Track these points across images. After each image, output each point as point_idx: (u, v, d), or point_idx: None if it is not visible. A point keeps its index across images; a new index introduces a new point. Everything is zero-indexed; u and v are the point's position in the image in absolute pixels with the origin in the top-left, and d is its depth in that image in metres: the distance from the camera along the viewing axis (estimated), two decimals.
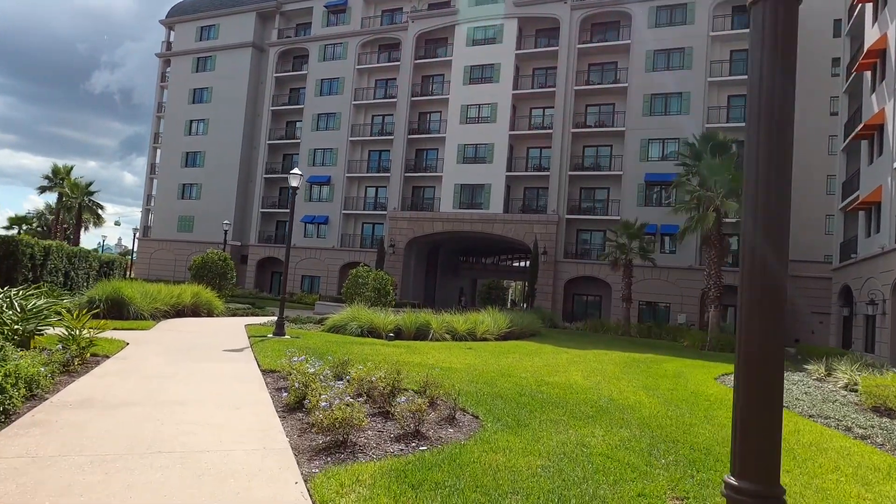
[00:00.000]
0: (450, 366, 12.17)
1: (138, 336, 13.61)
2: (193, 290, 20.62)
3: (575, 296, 38.94)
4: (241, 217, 49.67)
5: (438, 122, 43.45)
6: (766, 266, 1.99)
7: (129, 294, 17.10)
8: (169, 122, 53.23)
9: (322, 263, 45.04)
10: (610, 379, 11.78)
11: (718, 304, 24.66)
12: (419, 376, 10.19)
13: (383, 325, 18.07)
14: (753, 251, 2.02)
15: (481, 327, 19.58)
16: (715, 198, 24.27)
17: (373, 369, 8.54)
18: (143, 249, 52.69)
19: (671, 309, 34.83)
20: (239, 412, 6.96)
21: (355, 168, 45.42)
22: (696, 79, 35.73)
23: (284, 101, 49.84)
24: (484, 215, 39.61)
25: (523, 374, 11.72)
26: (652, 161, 36.31)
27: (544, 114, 40.67)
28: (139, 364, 9.76)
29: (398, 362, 11.94)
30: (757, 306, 2.00)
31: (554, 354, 16.53)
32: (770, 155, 2.09)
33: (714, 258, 24.64)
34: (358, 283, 21.92)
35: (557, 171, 38.32)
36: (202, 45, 52.45)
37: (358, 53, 46.21)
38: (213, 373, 9.56)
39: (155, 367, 9.57)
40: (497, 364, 13.11)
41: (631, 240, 29.64)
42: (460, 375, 10.79)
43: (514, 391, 9.42)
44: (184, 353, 11.54)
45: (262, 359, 11.23)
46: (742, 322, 2.03)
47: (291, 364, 8.56)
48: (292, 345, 13.83)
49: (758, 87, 2.08)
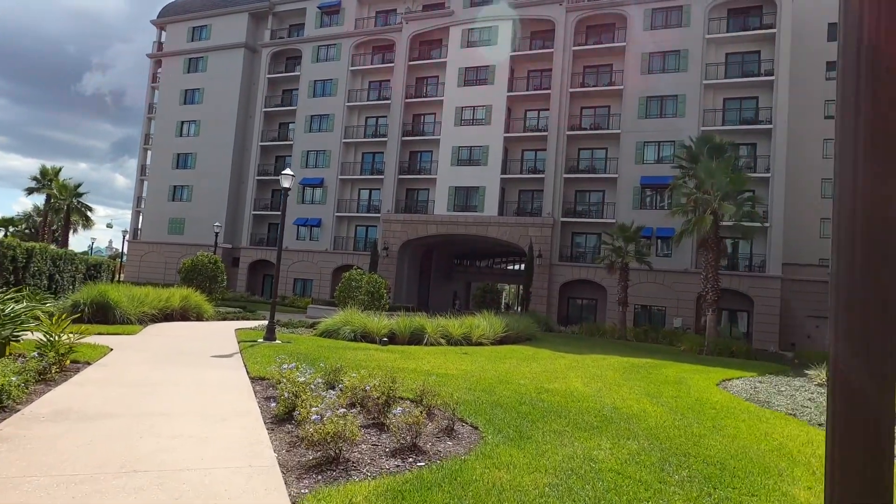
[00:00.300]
0: (446, 372, 11.79)
1: (123, 341, 13.15)
2: (182, 294, 20.13)
3: (570, 299, 38.63)
4: (232, 219, 49.10)
5: (433, 124, 43.11)
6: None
7: (114, 298, 16.61)
8: (160, 123, 52.59)
9: (315, 266, 44.54)
10: (611, 386, 11.43)
11: (716, 307, 24.40)
12: (415, 384, 9.81)
13: (377, 329, 17.66)
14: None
15: (477, 332, 19.22)
16: (712, 200, 24.04)
17: (367, 377, 8.15)
18: (133, 252, 51.97)
19: (666, 312, 34.58)
20: (225, 424, 6.54)
21: (349, 170, 44.99)
22: (691, 81, 35.58)
23: (277, 102, 49.36)
24: (478, 218, 39.26)
25: (522, 380, 11.35)
26: (647, 164, 36.11)
27: (539, 116, 40.42)
28: (122, 371, 9.32)
29: (393, 369, 11.55)
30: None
31: (551, 359, 16.18)
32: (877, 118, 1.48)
33: (711, 261, 24.40)
34: (351, 286, 21.49)
35: (552, 173, 38.05)
36: (194, 46, 51.90)
37: (351, 55, 45.82)
38: (199, 380, 9.13)
39: (138, 375, 9.13)
40: (494, 370, 12.74)
41: (627, 243, 29.37)
42: (457, 383, 10.41)
43: (514, 399, 9.05)
44: (170, 358, 11.10)
45: (251, 365, 10.80)
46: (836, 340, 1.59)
47: (281, 372, 8.16)
48: (283, 350, 13.41)
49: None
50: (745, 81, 34.92)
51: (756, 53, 35.63)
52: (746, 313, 33.80)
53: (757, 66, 35.34)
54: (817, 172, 37.83)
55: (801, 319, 33.48)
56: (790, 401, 11.64)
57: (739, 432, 7.65)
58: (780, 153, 33.14)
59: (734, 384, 14.42)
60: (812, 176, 37.56)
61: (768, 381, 15.40)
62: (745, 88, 35.35)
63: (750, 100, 35.40)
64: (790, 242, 34.06)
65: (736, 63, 35.90)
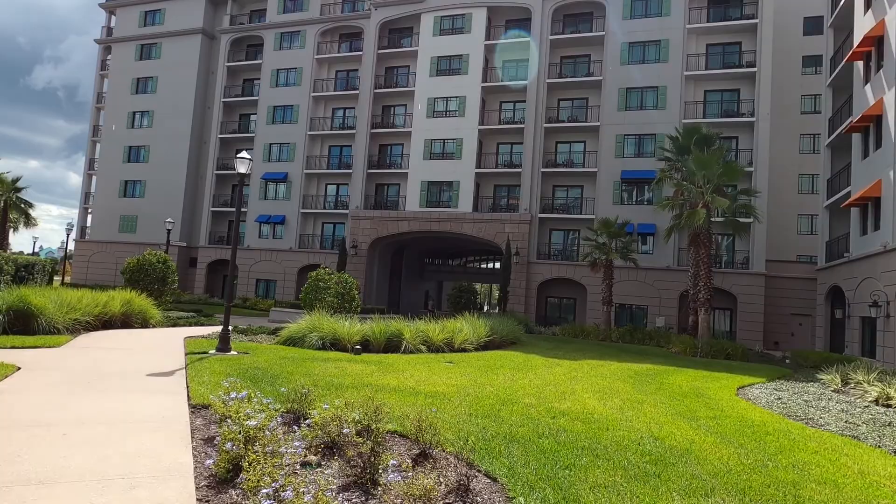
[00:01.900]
0: (435, 390, 9.85)
1: (39, 357, 10.79)
2: (124, 298, 17.64)
3: (548, 298, 37.11)
4: (189, 217, 46.04)
5: (403, 116, 41.04)
6: None
7: (38, 303, 14.11)
8: (110, 114, 49.04)
9: (279, 266, 41.96)
10: (631, 404, 9.68)
11: (709, 306, 23.07)
12: (403, 408, 7.84)
13: (348, 336, 15.60)
14: None
15: (459, 336, 17.34)
16: (704, 193, 22.68)
17: (343, 408, 6.15)
18: (81, 252, 48.35)
19: (648, 311, 33.34)
20: (133, 497, 4.47)
21: (314, 164, 42.54)
22: (672, 73, 34.41)
23: (237, 92, 46.50)
24: (452, 214, 37.40)
25: (527, 399, 9.50)
26: (628, 157, 34.80)
27: (515, 108, 38.80)
28: (13, 403, 7.09)
29: (372, 387, 9.56)
30: None
31: (547, 368, 14.40)
32: None
33: (703, 258, 23.05)
34: (318, 287, 19.28)
35: (529, 167, 36.44)
36: (146, 31, 48.55)
37: (317, 42, 43.35)
38: (119, 415, 6.96)
39: (35, 408, 6.91)
40: (490, 385, 10.87)
41: (611, 239, 27.90)
42: (453, 405, 8.50)
43: (529, 429, 7.18)
44: (90, 382, 8.85)
45: (195, 387, 8.66)
46: None
47: (226, 404, 6.09)
48: (238, 364, 11.26)
49: None
50: (727, 73, 33.93)
51: (737, 45, 34.71)
52: (730, 311, 32.81)
53: (738, 58, 34.42)
54: (792, 168, 37.23)
55: (784, 317, 32.66)
56: (829, 416, 10.15)
57: (830, 474, 5.94)
58: (762, 146, 32.23)
59: (752, 392, 12.90)
60: (787, 172, 36.92)
61: (785, 388, 13.96)
62: (726, 80, 34.39)
63: (731, 92, 34.46)
64: (768, 239, 33.14)
65: (717, 54, 34.92)
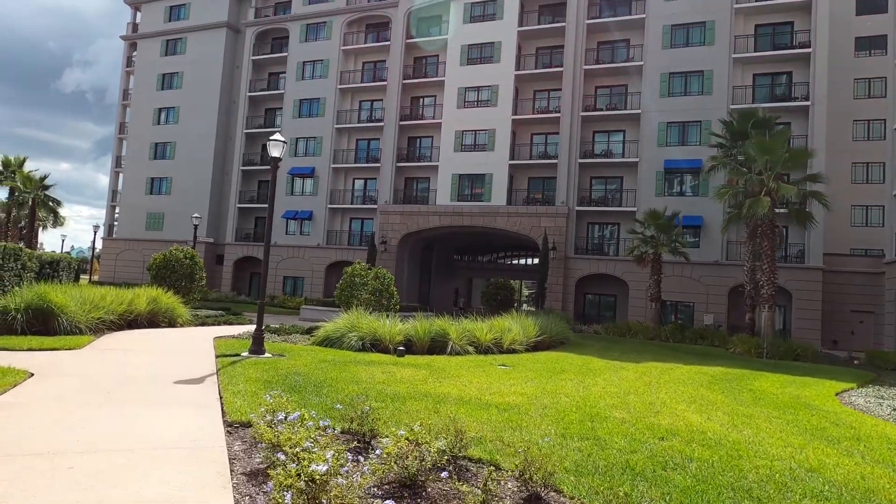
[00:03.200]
0: (505, 401, 8.46)
1: (57, 361, 9.67)
2: (150, 295, 16.60)
3: (586, 295, 35.45)
4: (216, 213, 45.32)
5: (433, 107, 39.68)
6: None
7: (59, 301, 13.07)
8: (136, 110, 48.59)
9: (306, 263, 40.97)
10: (740, 418, 8.17)
11: (773, 303, 21.25)
12: (477, 425, 6.46)
13: (390, 336, 14.30)
14: None
15: (508, 336, 15.95)
16: (766, 180, 20.87)
17: (421, 433, 4.80)
18: (109, 250, 48.05)
19: (695, 308, 31.49)
20: None
21: (342, 158, 41.43)
22: (718, 56, 32.41)
23: (263, 86, 45.61)
24: (485, 208, 35.92)
25: (616, 413, 8.05)
26: (671, 146, 32.93)
27: (549, 97, 37.14)
28: (17, 421, 5.88)
29: (431, 397, 8.19)
30: None
31: (613, 372, 12.92)
32: None
33: (767, 250, 21.22)
34: (354, 283, 18.01)
35: (566, 158, 34.78)
36: (171, 27, 47.95)
37: (343, 33, 42.20)
38: (141, 437, 5.70)
39: (40, 428, 5.69)
40: (564, 394, 9.44)
41: (660, 232, 26.17)
42: (533, 421, 7.10)
43: (644, 456, 5.75)
44: (110, 390, 7.66)
45: (230, 399, 7.40)
46: None
47: (275, 429, 4.77)
48: (275, 369, 10.01)
49: None
50: (778, 55, 31.83)
51: (788, 24, 32.57)
52: (783, 308, 30.78)
53: (790, 38, 32.29)
54: (847, 156, 34.96)
55: (843, 314, 30.54)
56: None
57: None
58: (819, 131, 30.11)
59: (856, 401, 11.29)
60: (842, 159, 34.65)
61: (887, 394, 12.30)
62: (777, 63, 32.27)
63: (783, 75, 32.35)
64: (824, 231, 30.95)
65: (766, 35, 32.81)
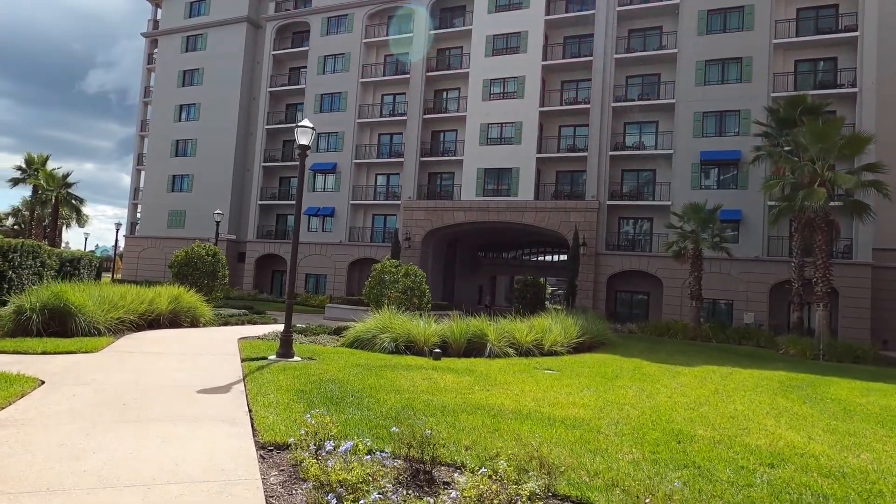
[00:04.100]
0: (568, 414, 7.43)
1: (71, 366, 8.87)
2: (172, 294, 15.88)
3: (618, 293, 34.17)
4: (237, 210, 44.85)
5: (457, 100, 38.64)
6: None
7: (76, 300, 12.35)
8: (157, 107, 48.33)
9: (328, 260, 40.26)
10: (845, 438, 7.05)
11: (828, 302, 19.89)
12: (550, 448, 5.45)
13: (424, 337, 13.36)
14: None
15: (549, 337, 14.89)
16: (821, 169, 19.48)
17: (508, 471, 3.81)
18: (131, 248, 47.89)
19: (734, 307, 30.06)
20: None
21: (364, 153, 40.61)
22: (758, 42, 30.84)
23: (283, 81, 44.97)
24: (512, 203, 34.81)
25: (699, 429, 6.98)
26: (708, 137, 31.47)
27: (578, 87, 35.86)
28: (14, 446, 5.01)
29: (485, 410, 7.16)
30: None
31: (671, 377, 11.82)
32: None
33: (821, 244, 19.85)
34: (384, 280, 17.09)
35: (596, 151, 33.51)
36: (192, 23, 47.54)
37: (365, 26, 41.35)
38: (159, 466, 4.79)
39: (41, 456, 4.82)
40: (628, 404, 8.38)
41: (700, 226, 24.85)
42: (610, 440, 6.07)
43: (766, 493, 4.70)
44: (127, 402, 6.79)
45: (261, 413, 6.49)
46: None
47: (322, 463, 3.81)
48: (306, 375, 9.11)
49: None
50: (822, 39, 30.17)
51: (832, 7, 30.87)
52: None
53: (835, 22, 30.62)
54: None
55: (893, 312, 28.88)
56: None
57: None
58: (868, 119, 28.40)
59: None
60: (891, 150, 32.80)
61: None
62: (821, 48, 30.62)
63: (827, 61, 30.70)
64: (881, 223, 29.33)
65: (809, 19, 31.15)
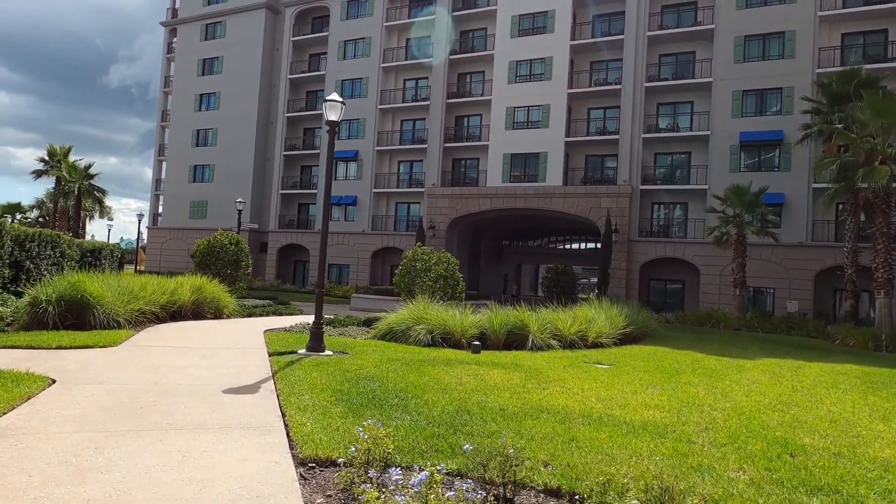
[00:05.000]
0: (642, 418, 6.45)
1: (87, 362, 8.12)
2: (194, 284, 15.18)
3: (651, 281, 32.90)
4: (258, 200, 44.34)
5: (482, 84, 37.46)
6: None
7: (95, 291, 11.65)
8: (177, 97, 47.92)
9: (351, 250, 39.56)
10: None
11: (890, 288, 18.53)
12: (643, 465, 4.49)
13: (462, 329, 12.46)
14: None
15: (593, 328, 13.88)
16: (882, 146, 18.06)
17: None
18: (154, 239, 47.78)
19: (776, 295, 28.66)
20: None
21: (386, 140, 39.70)
22: (801, 14, 29.13)
23: (303, 68, 44.17)
24: (540, 189, 33.65)
25: (804, 437, 5.96)
26: (747, 117, 29.92)
27: (608, 68, 34.44)
28: (25, 453, 4.19)
29: (548, 413, 6.15)
30: None
31: (736, 372, 10.75)
32: None
33: (881, 227, 18.47)
34: (415, 268, 16.20)
35: (628, 133, 32.15)
36: (210, 10, 46.91)
37: (386, 9, 40.27)
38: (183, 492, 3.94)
39: (38, 474, 3.98)
40: (707, 404, 7.36)
41: (744, 209, 23.50)
42: (707, 452, 5.09)
43: None
44: (144, 406, 5.97)
45: (297, 420, 5.63)
46: None
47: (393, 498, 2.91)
48: (341, 371, 8.25)
49: None
50: (871, 10, 28.37)
51: None
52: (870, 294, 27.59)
53: None
54: None
55: None
56: None
57: None
58: None
59: None
60: None
61: None
62: (870, 19, 28.82)
63: (877, 33, 28.89)
64: None
65: None
